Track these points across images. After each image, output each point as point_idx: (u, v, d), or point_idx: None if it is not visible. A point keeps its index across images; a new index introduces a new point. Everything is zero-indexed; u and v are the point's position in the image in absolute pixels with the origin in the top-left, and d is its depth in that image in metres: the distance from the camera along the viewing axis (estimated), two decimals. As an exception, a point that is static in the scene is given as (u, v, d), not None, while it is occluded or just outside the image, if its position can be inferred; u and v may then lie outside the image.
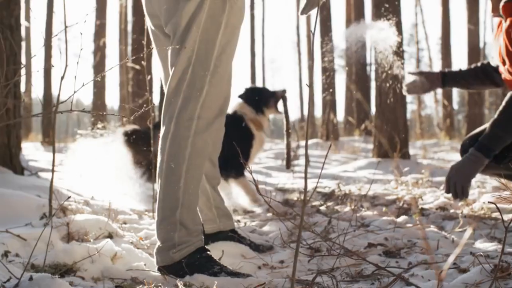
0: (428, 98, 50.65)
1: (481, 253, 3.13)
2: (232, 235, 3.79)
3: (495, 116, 4.43)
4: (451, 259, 1.32)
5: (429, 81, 4.94)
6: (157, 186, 3.14)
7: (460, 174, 4.43)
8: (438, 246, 3.62)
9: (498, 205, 4.78)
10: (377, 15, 9.88)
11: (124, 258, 3.20)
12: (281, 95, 6.00)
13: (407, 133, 10.16)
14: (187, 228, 3.07)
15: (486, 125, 4.86)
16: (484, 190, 5.69)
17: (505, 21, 4.46)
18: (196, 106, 3.07)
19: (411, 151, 13.56)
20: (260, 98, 6.02)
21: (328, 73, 19.72)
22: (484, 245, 3.59)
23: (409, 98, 55.30)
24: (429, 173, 7.75)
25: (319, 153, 13.97)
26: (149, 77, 4.82)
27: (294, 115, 42.84)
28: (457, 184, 4.41)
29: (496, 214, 4.49)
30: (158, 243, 3.09)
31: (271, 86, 72.86)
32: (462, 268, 2.95)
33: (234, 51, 3.24)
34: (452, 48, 24.91)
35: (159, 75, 3.62)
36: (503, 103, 4.43)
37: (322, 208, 5.31)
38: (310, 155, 12.65)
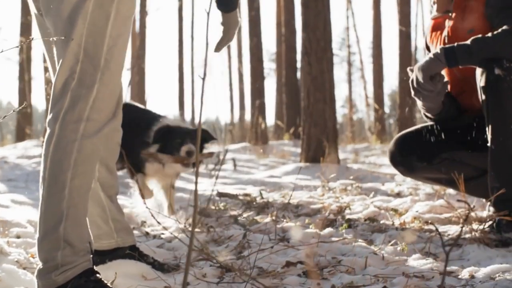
0: (360, 101, 50.97)
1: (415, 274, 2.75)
2: (131, 253, 3.29)
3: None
4: None
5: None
6: (39, 198, 2.67)
7: (418, 73, 3.91)
8: (366, 264, 3.17)
9: (434, 214, 4.44)
10: (306, 15, 9.55)
11: (4, 281, 2.76)
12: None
13: (337, 136, 9.78)
14: (72, 246, 2.62)
15: (410, 128, 4.59)
16: (417, 197, 5.29)
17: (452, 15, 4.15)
18: (85, 106, 2.66)
19: (342, 155, 13.27)
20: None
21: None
22: (418, 263, 3.17)
23: (340, 101, 55.57)
24: (358, 178, 7.40)
25: (248, 157, 13.60)
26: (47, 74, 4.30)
27: (224, 118, 42.44)
28: (414, 80, 3.93)
29: (431, 226, 4.09)
30: (40, 264, 2.64)
31: (200, 88, 72.37)
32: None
33: (126, 44, 2.84)
34: (384, 52, 24.89)
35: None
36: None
37: (241, 218, 4.84)
38: (238, 159, 12.29)
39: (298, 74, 19.20)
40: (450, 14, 4.24)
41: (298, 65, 18.93)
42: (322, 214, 4.83)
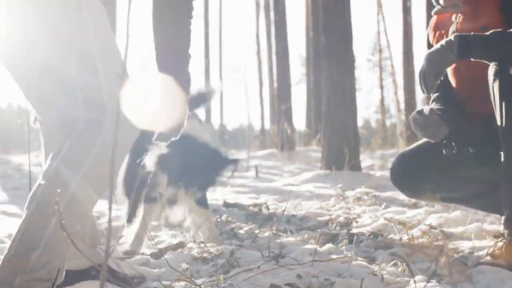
0: (393, 107, 50.30)
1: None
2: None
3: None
4: None
5: None
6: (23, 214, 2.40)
7: (425, 64, 3.39)
8: (361, 287, 2.81)
9: (447, 228, 4.07)
10: (325, 17, 9.26)
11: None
12: None
13: (358, 143, 9.48)
14: (35, 272, 2.33)
15: (414, 144, 4.00)
16: (432, 209, 4.87)
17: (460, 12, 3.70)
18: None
19: (369, 162, 12.95)
20: None
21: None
22: (419, 285, 2.80)
23: (373, 107, 55.04)
24: (378, 187, 7.07)
25: (273, 163, 13.34)
26: None
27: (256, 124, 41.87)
28: (422, 76, 3.38)
29: (441, 242, 3.72)
30: None
31: (233, 95, 72.30)
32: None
33: None
34: (416, 56, 24.37)
35: None
36: None
37: (241, 232, 4.51)
38: (262, 166, 12.04)
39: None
40: (458, 9, 3.79)
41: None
42: (327, 227, 4.49)
